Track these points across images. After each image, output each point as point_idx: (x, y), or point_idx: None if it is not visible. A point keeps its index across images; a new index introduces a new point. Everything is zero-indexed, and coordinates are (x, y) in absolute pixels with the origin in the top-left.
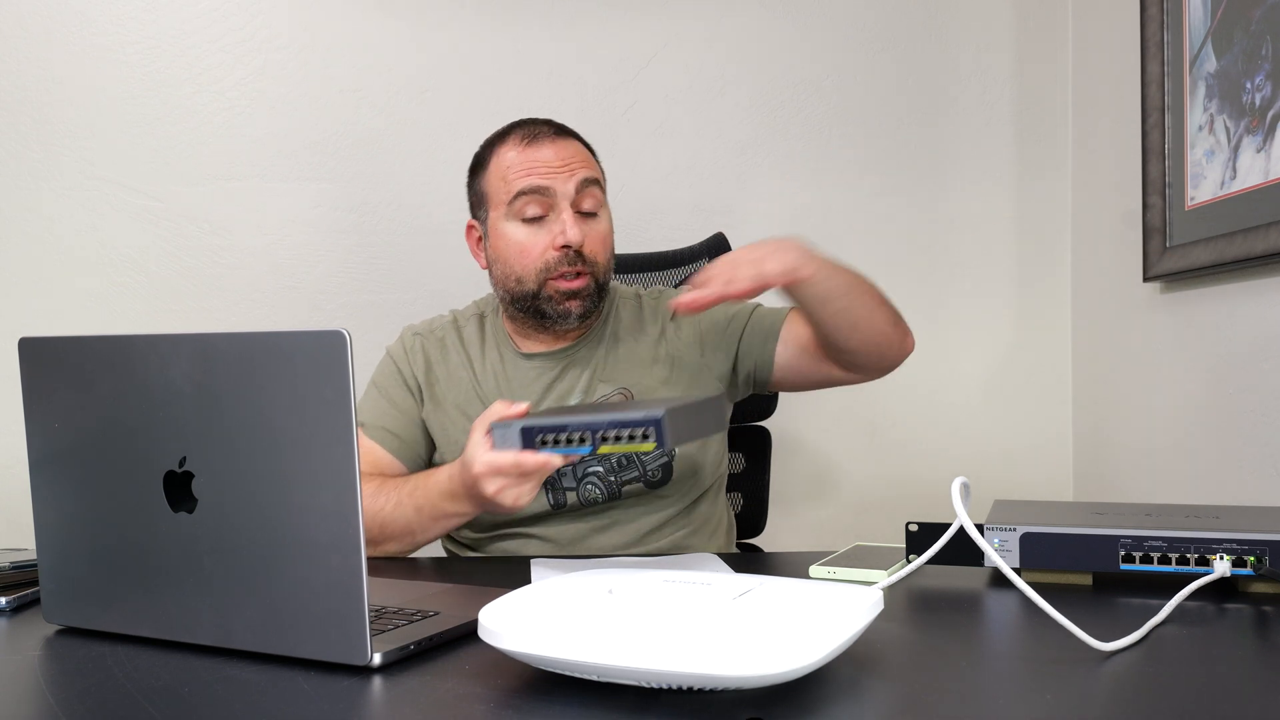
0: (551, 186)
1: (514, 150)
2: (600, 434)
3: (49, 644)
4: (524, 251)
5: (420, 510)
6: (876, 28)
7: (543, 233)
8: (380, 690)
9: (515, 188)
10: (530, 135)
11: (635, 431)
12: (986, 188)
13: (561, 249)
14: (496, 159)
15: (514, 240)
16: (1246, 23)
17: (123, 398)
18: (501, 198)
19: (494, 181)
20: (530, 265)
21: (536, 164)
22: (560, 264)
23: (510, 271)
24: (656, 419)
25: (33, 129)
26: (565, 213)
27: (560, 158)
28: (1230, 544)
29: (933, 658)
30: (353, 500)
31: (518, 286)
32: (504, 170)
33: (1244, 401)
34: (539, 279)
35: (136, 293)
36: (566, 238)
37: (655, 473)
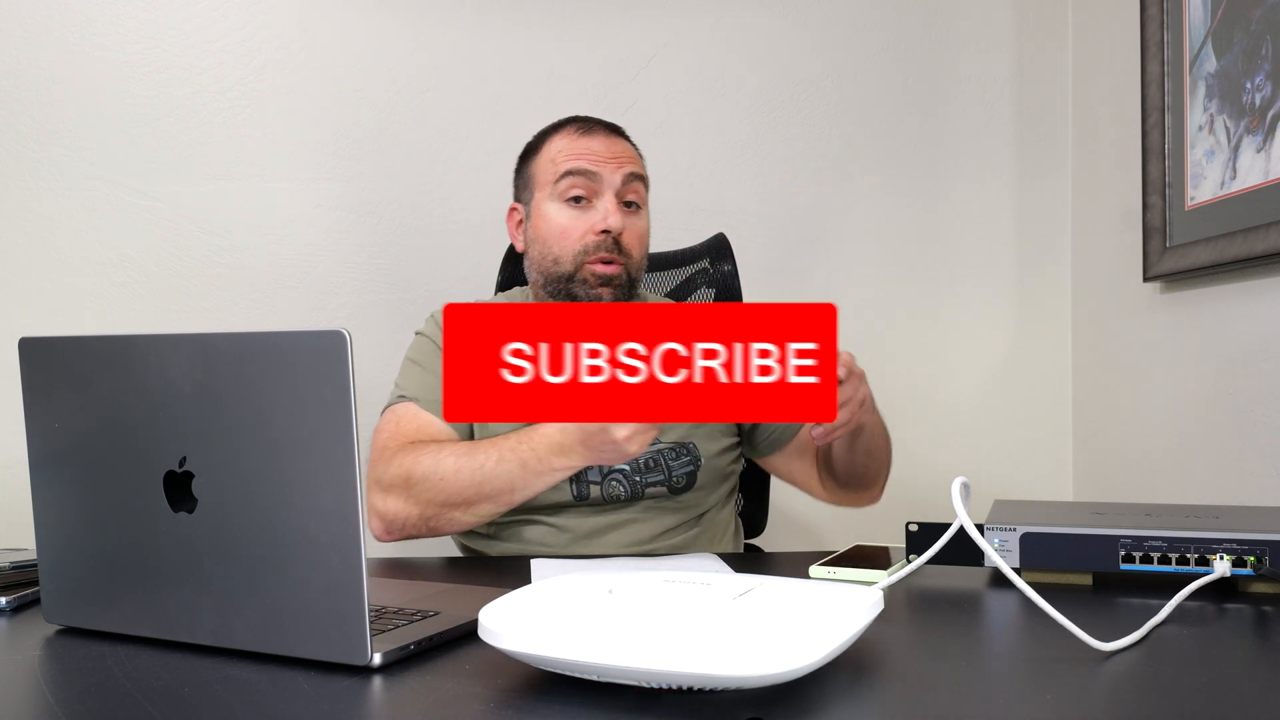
0: (599, 173)
1: (567, 138)
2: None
3: (49, 644)
4: (564, 233)
5: (525, 465)
6: (877, 27)
7: (584, 217)
8: (380, 690)
9: (563, 168)
10: (585, 127)
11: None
12: (986, 188)
13: (601, 234)
14: (549, 144)
15: (555, 221)
16: (1246, 23)
17: (123, 398)
18: (548, 178)
19: (543, 164)
20: (569, 247)
21: (587, 151)
22: (599, 248)
23: (549, 252)
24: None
25: (33, 129)
26: (609, 200)
27: (611, 151)
28: (1230, 544)
29: (933, 658)
30: (353, 500)
31: (554, 267)
32: (554, 154)
33: (1244, 401)
34: (576, 261)
35: (136, 293)
36: (608, 223)
37: (680, 479)
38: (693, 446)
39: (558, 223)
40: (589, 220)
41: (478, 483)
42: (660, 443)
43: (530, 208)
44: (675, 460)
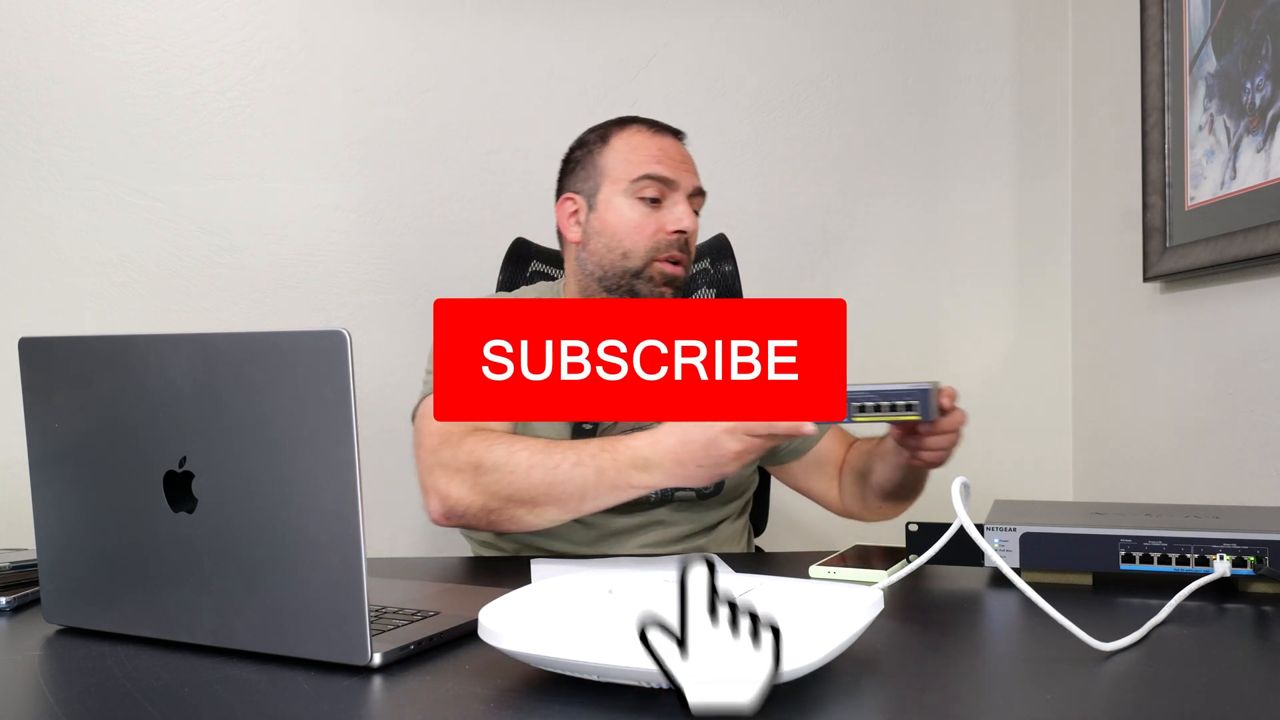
0: (676, 179)
1: (643, 135)
2: (859, 403)
3: (49, 644)
4: (639, 228)
5: (602, 474)
6: (877, 27)
7: (657, 216)
8: (380, 690)
9: (644, 170)
10: (655, 128)
11: (898, 402)
12: (986, 188)
13: (674, 234)
14: (623, 137)
15: (629, 216)
16: (1246, 23)
17: (123, 398)
18: (624, 174)
19: (617, 158)
20: (642, 242)
21: (665, 154)
22: (670, 247)
23: (618, 245)
24: (923, 390)
25: (33, 129)
26: (682, 203)
27: (684, 157)
28: (1230, 544)
29: (933, 658)
30: (353, 500)
31: (622, 261)
32: (632, 149)
33: (1244, 401)
34: (647, 257)
35: (136, 293)
36: (682, 224)
37: (708, 486)
38: None
39: (632, 218)
40: (661, 219)
41: (549, 483)
42: None
43: (596, 199)
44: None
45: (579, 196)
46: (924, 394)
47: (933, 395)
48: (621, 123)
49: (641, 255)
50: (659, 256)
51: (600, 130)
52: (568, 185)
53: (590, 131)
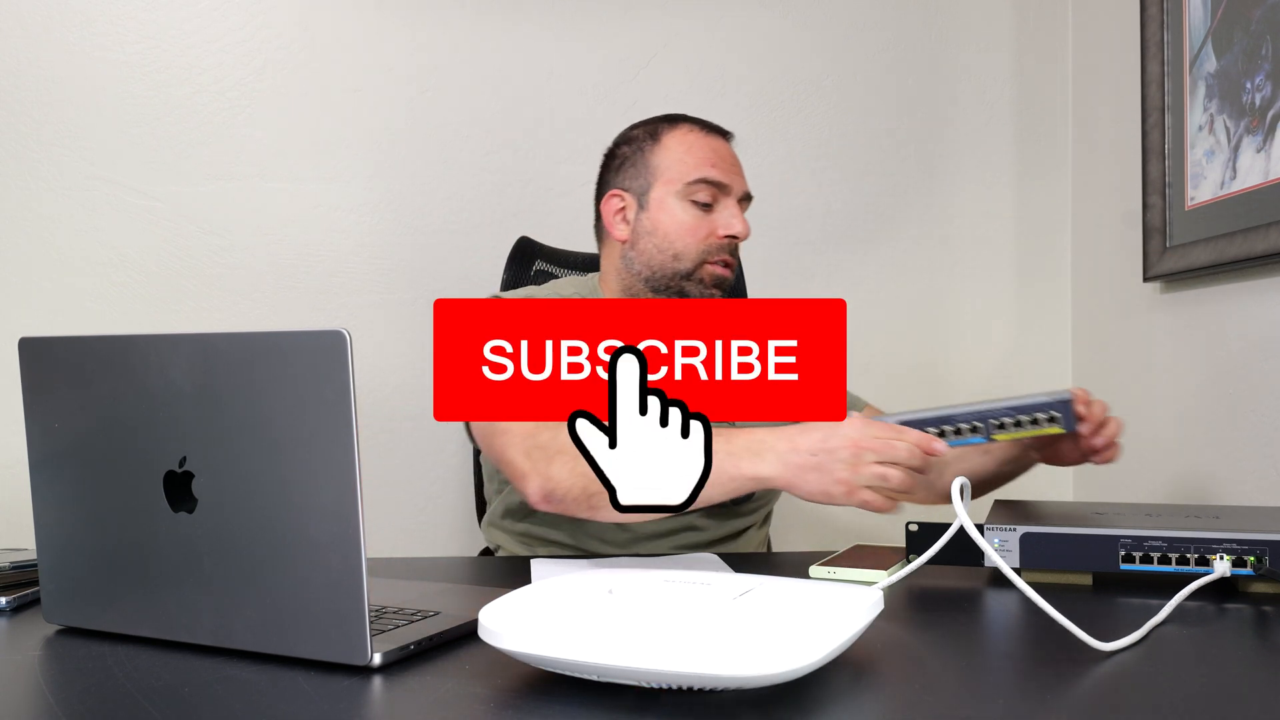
0: (729, 184)
1: (696, 135)
2: (997, 421)
3: (49, 644)
4: (692, 231)
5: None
6: (877, 27)
7: (708, 219)
8: (380, 690)
9: (700, 173)
10: (706, 128)
11: (1039, 416)
12: (986, 188)
13: (725, 239)
14: (676, 136)
15: (682, 219)
16: (1246, 23)
17: (123, 398)
18: (679, 175)
19: (671, 158)
20: (694, 245)
21: (719, 157)
22: (721, 251)
23: (669, 246)
24: (1064, 401)
25: (33, 129)
26: (734, 207)
27: (733, 160)
28: (1230, 544)
29: (933, 658)
30: (353, 500)
31: (674, 263)
32: (686, 150)
33: (1244, 401)
34: (698, 260)
35: (136, 293)
36: (734, 229)
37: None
38: None
39: (685, 220)
40: (713, 223)
41: None
42: None
43: (647, 200)
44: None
45: (628, 194)
46: (1065, 405)
47: (1071, 406)
48: (672, 121)
49: (693, 258)
50: (710, 259)
51: (650, 127)
52: (614, 181)
53: (637, 127)
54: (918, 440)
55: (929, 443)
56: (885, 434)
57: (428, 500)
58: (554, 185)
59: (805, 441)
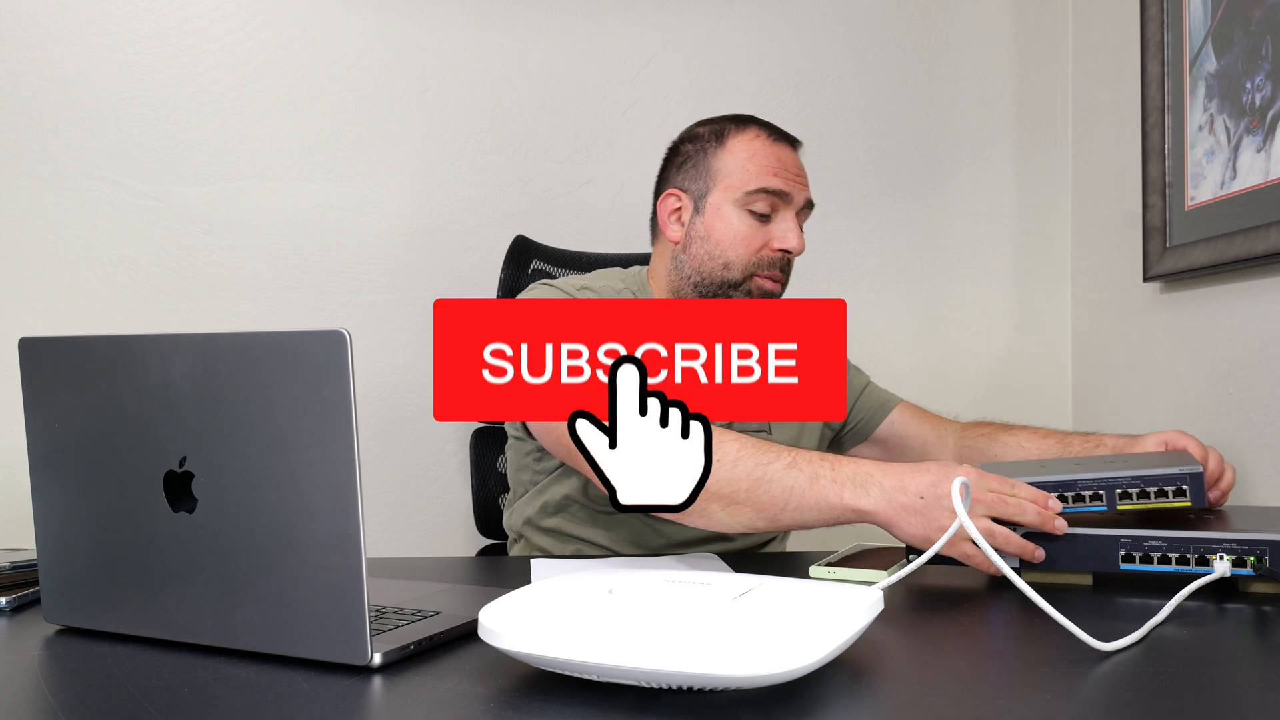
0: (792, 194)
1: (762, 141)
2: (1122, 490)
3: (49, 644)
4: (746, 241)
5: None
6: (876, 28)
7: (764, 230)
8: (380, 690)
9: (760, 182)
10: (774, 134)
11: (1168, 489)
12: (986, 188)
13: (779, 252)
14: (741, 141)
15: (737, 228)
16: (1246, 23)
17: (123, 398)
18: (739, 183)
19: (733, 163)
20: (745, 256)
21: (781, 166)
22: (773, 265)
23: (720, 254)
24: (1195, 475)
25: (33, 129)
26: (791, 220)
27: (798, 168)
28: (1230, 544)
29: (933, 658)
30: (353, 500)
31: (723, 271)
32: (750, 157)
33: (1244, 401)
34: (748, 271)
35: (136, 293)
36: (789, 243)
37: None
38: None
39: (740, 230)
40: (768, 235)
41: (755, 479)
42: None
43: (704, 204)
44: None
45: (685, 195)
46: (1197, 479)
47: (1203, 479)
48: (740, 123)
49: (742, 269)
50: (760, 272)
51: (716, 127)
52: (674, 180)
53: (703, 125)
54: (1034, 498)
55: (1047, 504)
56: (1001, 488)
57: (428, 500)
58: (554, 185)
59: (914, 483)
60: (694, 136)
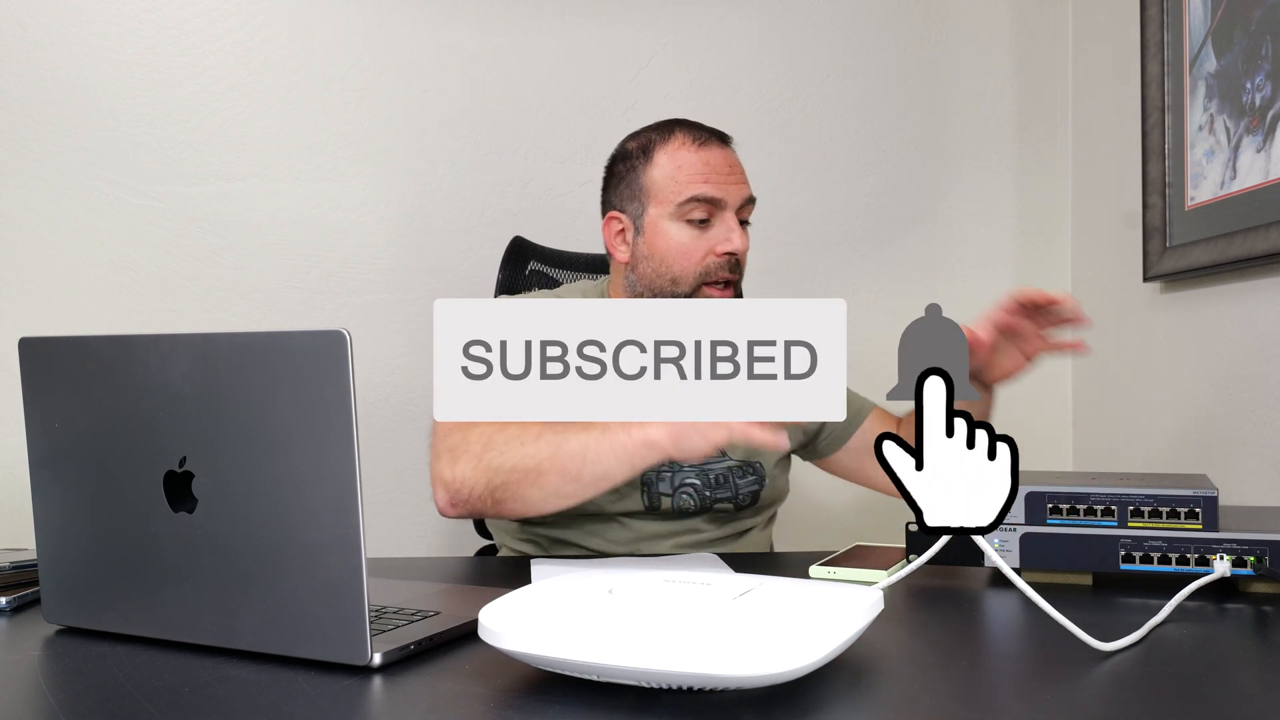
0: (724, 198)
1: (684, 150)
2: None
3: (49, 644)
4: (687, 253)
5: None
6: (876, 28)
7: (706, 237)
8: (380, 690)
9: (689, 192)
10: (699, 138)
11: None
12: (986, 188)
13: (724, 256)
14: (667, 153)
15: (677, 241)
16: (1246, 23)
17: (123, 398)
18: (671, 196)
19: (660, 180)
20: (691, 267)
21: (709, 170)
22: (720, 270)
23: (666, 270)
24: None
25: (33, 129)
26: (731, 221)
27: (729, 165)
28: (1230, 544)
29: (933, 658)
30: (353, 500)
31: (672, 286)
32: (677, 168)
33: (1243, 401)
34: (695, 281)
35: (136, 293)
36: (732, 245)
37: (746, 498)
38: (759, 465)
39: (680, 242)
40: (710, 241)
41: (554, 447)
42: (729, 460)
43: (643, 223)
44: (742, 479)
45: (625, 216)
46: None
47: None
48: (665, 132)
49: (691, 280)
50: (708, 280)
51: (642, 141)
52: (613, 202)
53: (632, 139)
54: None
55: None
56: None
57: (428, 500)
58: (554, 185)
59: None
60: (625, 154)
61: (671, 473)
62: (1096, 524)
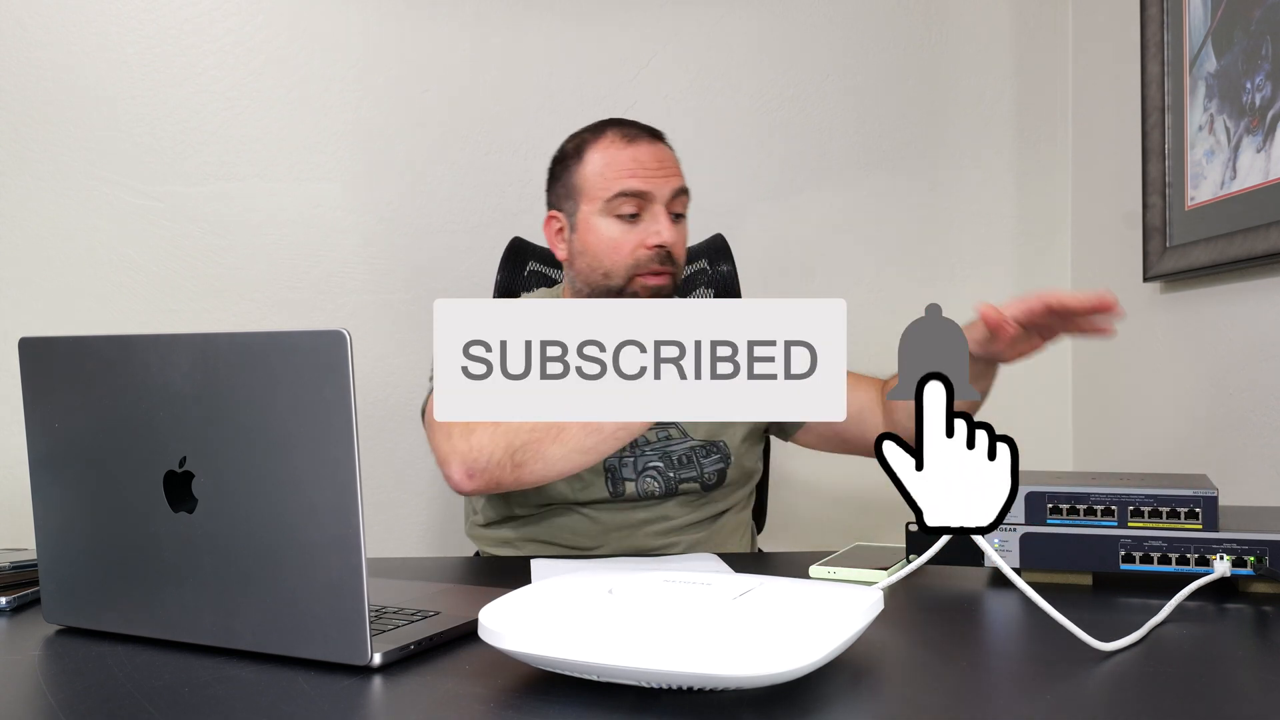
0: (651, 191)
1: (613, 148)
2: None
3: (49, 644)
4: (616, 247)
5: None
6: (877, 28)
7: (635, 231)
8: (380, 690)
9: (615, 188)
10: (628, 136)
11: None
12: (986, 188)
13: (653, 248)
14: (594, 154)
15: (607, 236)
16: (1246, 23)
17: (123, 398)
18: (598, 194)
19: (590, 177)
20: (621, 261)
21: (636, 165)
22: (650, 262)
23: (599, 265)
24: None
25: (33, 129)
26: (660, 214)
27: (658, 159)
28: (1230, 544)
29: (933, 658)
30: (353, 500)
31: (604, 280)
32: (603, 167)
33: (1244, 401)
34: (627, 274)
35: (136, 293)
36: (661, 238)
37: (712, 476)
38: (723, 444)
39: (609, 237)
40: (640, 234)
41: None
42: (691, 439)
43: (576, 220)
44: (707, 458)
45: (561, 215)
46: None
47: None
48: (597, 131)
49: (622, 274)
50: (640, 272)
51: (576, 142)
52: (551, 202)
53: (569, 141)
54: None
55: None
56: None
57: (427, 500)
58: None
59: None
60: (562, 155)
61: (634, 457)
62: (1096, 524)
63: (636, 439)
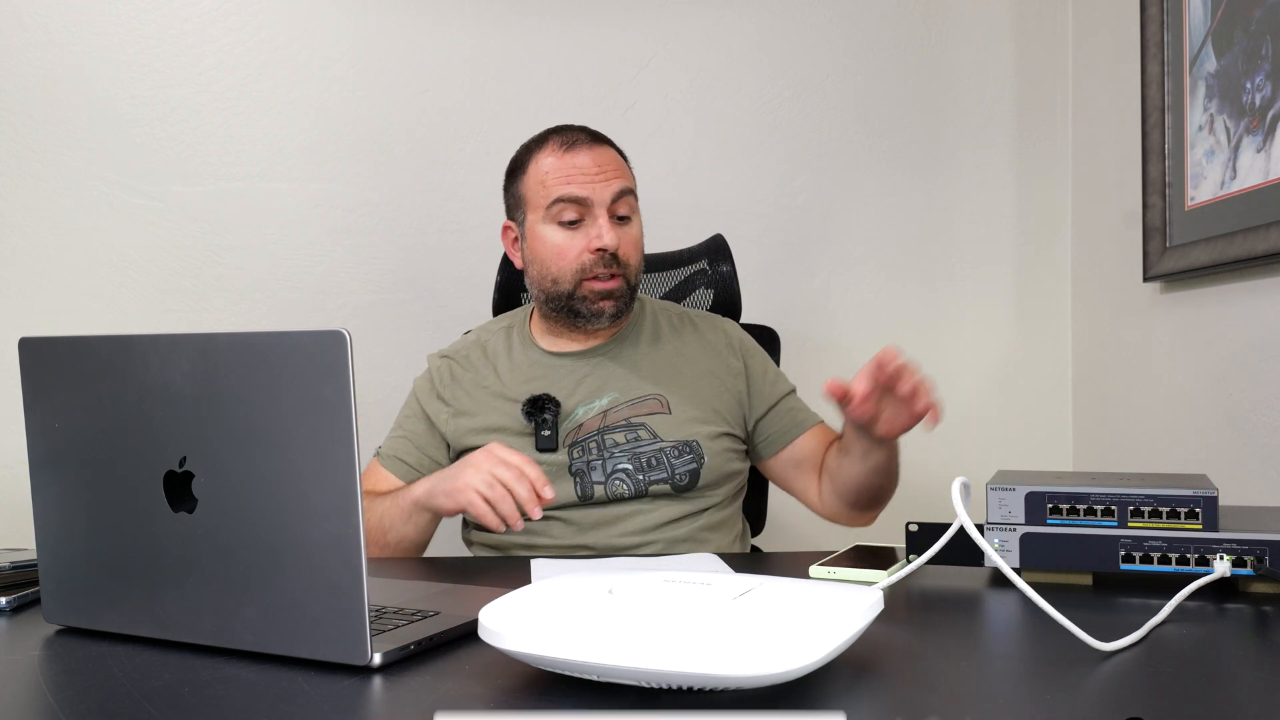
0: (589, 196)
1: (552, 156)
2: (1133, 507)
3: (49, 644)
4: (561, 254)
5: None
6: (877, 28)
7: (579, 236)
8: (380, 690)
9: (554, 194)
10: (568, 142)
11: (1179, 509)
12: (986, 188)
13: (597, 252)
14: (535, 165)
15: (551, 243)
16: (1246, 23)
17: (123, 398)
18: (540, 202)
19: (532, 186)
20: (567, 267)
21: (575, 171)
22: (595, 266)
23: (547, 272)
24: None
25: (33, 129)
26: (602, 218)
27: (597, 164)
28: (1230, 544)
29: (933, 658)
30: (353, 500)
31: (554, 287)
32: (542, 176)
33: (1244, 401)
34: (575, 279)
35: (136, 293)
36: (602, 241)
37: (683, 477)
38: (696, 445)
39: (553, 244)
40: (584, 239)
41: (377, 519)
42: (663, 441)
43: (524, 229)
44: (678, 458)
45: (515, 225)
46: (1210, 502)
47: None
48: (540, 141)
49: (570, 279)
50: (587, 277)
51: (522, 151)
52: (507, 212)
53: (518, 151)
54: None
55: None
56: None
57: None
58: None
59: (452, 467)
60: (511, 166)
61: (602, 460)
62: (1096, 524)
63: (605, 442)
